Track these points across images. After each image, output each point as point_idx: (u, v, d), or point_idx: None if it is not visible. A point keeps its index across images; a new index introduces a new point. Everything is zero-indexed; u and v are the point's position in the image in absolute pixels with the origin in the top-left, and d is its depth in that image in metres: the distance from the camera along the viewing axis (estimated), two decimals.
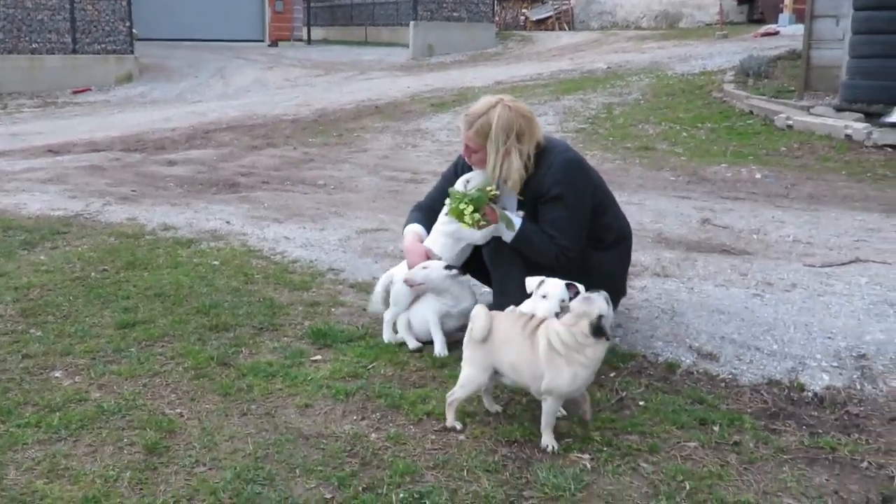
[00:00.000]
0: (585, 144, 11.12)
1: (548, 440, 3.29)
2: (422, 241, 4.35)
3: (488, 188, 4.01)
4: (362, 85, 19.94)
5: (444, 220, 4.27)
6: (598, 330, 3.18)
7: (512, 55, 25.23)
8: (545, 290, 3.67)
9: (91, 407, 3.67)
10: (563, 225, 3.93)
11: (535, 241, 3.99)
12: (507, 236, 4.03)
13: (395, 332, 4.40)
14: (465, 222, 4.00)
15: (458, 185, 4.13)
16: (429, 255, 4.26)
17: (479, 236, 4.10)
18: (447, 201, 4.11)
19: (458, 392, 3.44)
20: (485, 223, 4.00)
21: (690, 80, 15.35)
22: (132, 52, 24.34)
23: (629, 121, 12.66)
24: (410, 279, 4.19)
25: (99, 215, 7.65)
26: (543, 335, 3.30)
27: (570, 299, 3.51)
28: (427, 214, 4.45)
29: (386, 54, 27.46)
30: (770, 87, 13.58)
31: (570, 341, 3.22)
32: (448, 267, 4.14)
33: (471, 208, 3.94)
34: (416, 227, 4.42)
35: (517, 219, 4.01)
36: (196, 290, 5.26)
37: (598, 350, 3.24)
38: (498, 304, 4.26)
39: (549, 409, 3.30)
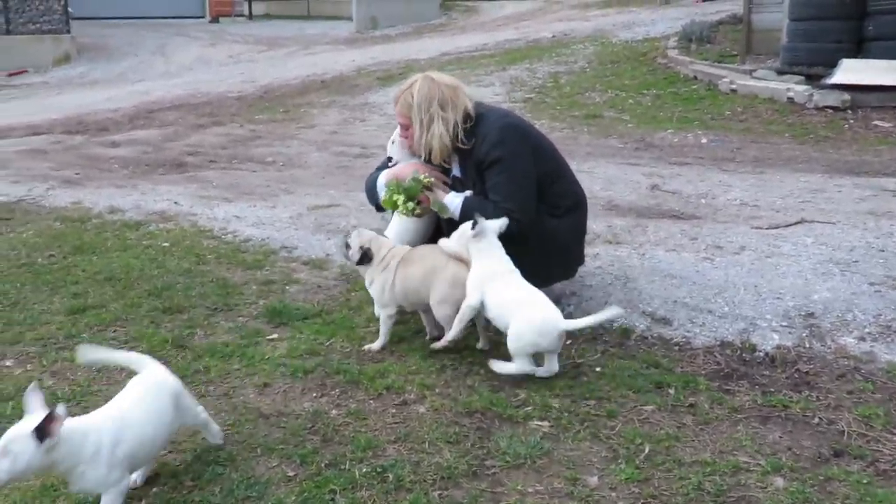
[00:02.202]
0: (534, 114, 11.13)
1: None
2: None
3: (423, 176, 4.07)
4: (307, 59, 19.71)
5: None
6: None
7: (457, 26, 25.10)
8: None
9: (45, 395, 3.60)
10: (503, 189, 3.95)
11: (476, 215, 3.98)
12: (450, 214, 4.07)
13: None
14: (400, 212, 4.09)
15: (388, 145, 4.30)
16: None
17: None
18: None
19: None
20: (420, 211, 4.07)
21: (634, 46, 15.42)
22: (69, 31, 23.66)
23: (576, 89, 12.70)
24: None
25: (42, 200, 7.50)
26: None
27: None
28: None
29: (330, 28, 27.15)
30: (713, 52, 13.70)
31: None
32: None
33: (403, 198, 4.01)
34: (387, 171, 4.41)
35: (452, 205, 4.04)
36: (147, 272, 5.19)
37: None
38: None
39: None
